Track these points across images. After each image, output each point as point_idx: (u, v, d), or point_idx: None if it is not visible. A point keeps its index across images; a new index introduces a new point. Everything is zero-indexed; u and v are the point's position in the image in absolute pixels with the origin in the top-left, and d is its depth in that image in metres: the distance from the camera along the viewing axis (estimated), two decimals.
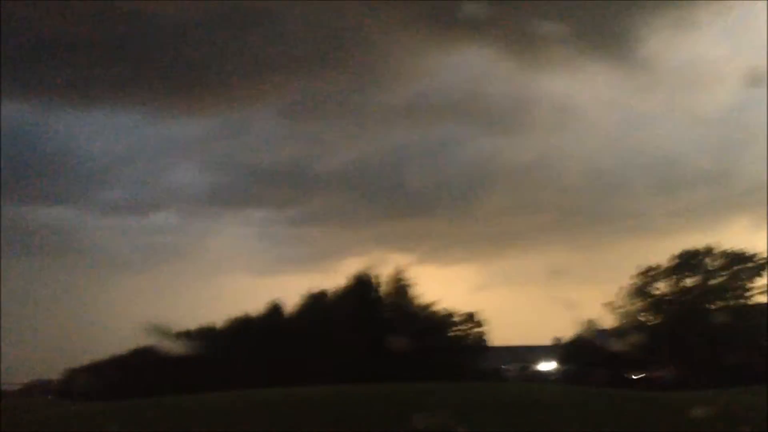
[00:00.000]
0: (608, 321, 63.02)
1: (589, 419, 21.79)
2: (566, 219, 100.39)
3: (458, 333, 56.08)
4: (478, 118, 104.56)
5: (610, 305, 61.33)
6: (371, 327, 47.38)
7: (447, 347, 51.44)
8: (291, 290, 60.08)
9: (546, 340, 69.58)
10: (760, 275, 58.20)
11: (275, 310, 55.77)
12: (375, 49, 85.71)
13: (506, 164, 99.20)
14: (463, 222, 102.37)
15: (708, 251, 59.95)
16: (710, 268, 59.86)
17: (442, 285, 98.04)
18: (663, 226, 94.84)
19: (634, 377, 55.97)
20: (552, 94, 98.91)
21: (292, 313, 55.38)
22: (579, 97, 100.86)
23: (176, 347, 46.03)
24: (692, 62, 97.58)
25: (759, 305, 57.88)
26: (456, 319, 56.23)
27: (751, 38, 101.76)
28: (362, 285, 52.85)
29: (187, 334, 60.81)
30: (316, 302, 54.61)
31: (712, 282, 59.51)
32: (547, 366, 57.49)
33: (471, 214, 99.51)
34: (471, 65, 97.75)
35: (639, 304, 60.99)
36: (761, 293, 58.07)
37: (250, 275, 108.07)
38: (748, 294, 58.51)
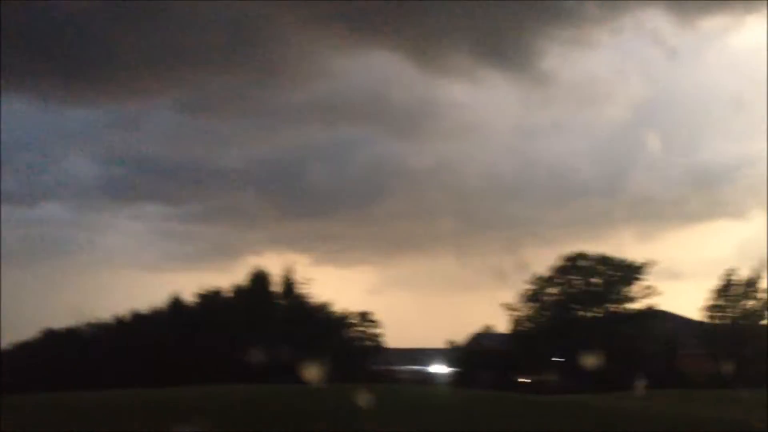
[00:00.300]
0: (501, 326, 64.68)
1: (458, 419, 22.14)
2: (463, 225, 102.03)
3: (353, 334, 56.18)
4: (381, 122, 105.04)
5: (504, 311, 62.95)
6: (265, 326, 46.76)
7: (341, 348, 51.35)
8: (185, 288, 58.40)
9: (440, 344, 70.58)
10: (641, 282, 61.04)
11: (170, 306, 54.16)
12: (279, 46, 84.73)
13: (407, 169, 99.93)
14: (362, 224, 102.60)
15: (593, 257, 62.29)
16: (595, 275, 62.27)
17: (339, 287, 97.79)
18: (555, 235, 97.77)
19: (521, 381, 57.42)
20: (454, 102, 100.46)
21: (185, 311, 53.98)
22: (480, 106, 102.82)
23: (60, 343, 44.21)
24: (587, 79, 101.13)
25: (643, 312, 60.60)
26: (351, 320, 56.35)
27: (642, 59, 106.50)
28: (258, 284, 52.18)
29: (74, 330, 58.49)
30: (210, 300, 53.50)
31: (597, 289, 61.94)
32: (439, 369, 58.33)
33: (370, 217, 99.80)
34: (375, 69, 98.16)
35: (529, 309, 62.80)
36: (644, 300, 60.94)
37: (144, 271, 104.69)
38: (632, 301, 61.21)
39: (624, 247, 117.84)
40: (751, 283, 63.12)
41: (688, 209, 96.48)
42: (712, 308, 64.04)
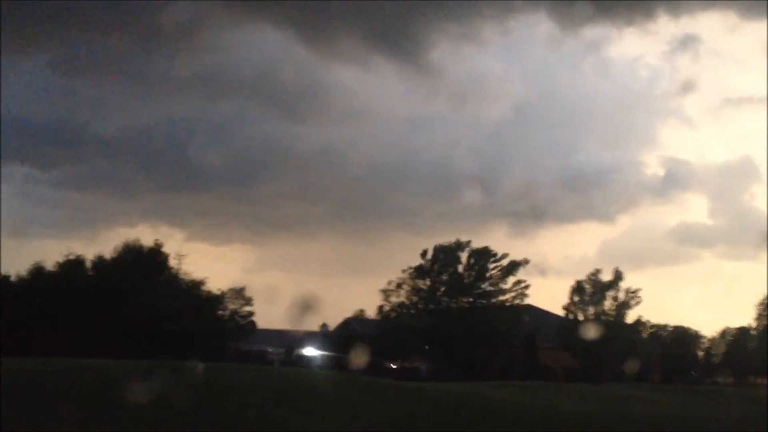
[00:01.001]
0: (374, 312, 65.38)
1: (325, 403, 22.24)
2: (344, 210, 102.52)
3: (225, 313, 55.30)
4: (267, 100, 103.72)
5: (377, 297, 63.66)
6: (134, 301, 45.25)
7: (212, 327, 50.47)
8: (49, 256, 55.40)
9: (313, 327, 70.65)
10: (511, 276, 63.12)
11: (31, 274, 51.22)
12: (165, 14, 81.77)
13: (291, 150, 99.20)
14: (240, 203, 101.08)
15: (463, 248, 63.82)
16: (465, 267, 63.88)
17: (213, 264, 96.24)
18: (433, 226, 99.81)
19: (390, 367, 58.21)
20: (343, 86, 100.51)
21: (46, 279, 51.29)
22: (369, 93, 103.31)
23: None
24: (474, 75, 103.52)
25: (510, 305, 62.65)
26: (225, 298, 55.41)
27: (527, 60, 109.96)
28: (128, 257, 50.36)
29: None
30: (74, 270, 51.10)
31: (468, 281, 63.57)
32: (310, 352, 58.33)
33: (250, 195, 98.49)
34: (264, 46, 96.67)
35: (403, 298, 63.77)
36: (513, 294, 63.01)
37: (5, 236, 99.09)
38: (503, 294, 63.16)
39: (498, 242, 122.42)
40: (610, 284, 66.53)
41: (560, 209, 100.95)
42: (572, 305, 67.16)
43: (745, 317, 76.07)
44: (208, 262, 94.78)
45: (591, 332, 63.95)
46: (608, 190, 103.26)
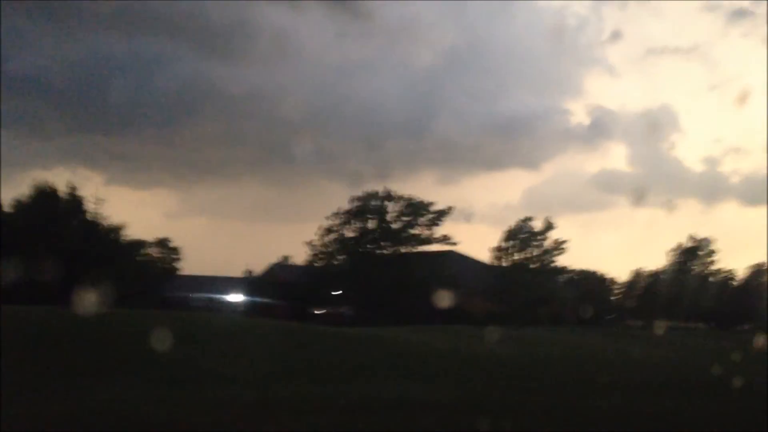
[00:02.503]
0: (299, 258, 65.55)
1: (248, 348, 22.48)
2: (269, 155, 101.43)
3: (147, 259, 54.62)
4: (192, 39, 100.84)
5: (302, 243, 63.72)
6: (51, 246, 44.17)
7: (133, 273, 49.75)
8: None
9: (238, 272, 70.47)
10: (437, 224, 63.91)
11: None
12: None
13: (217, 91, 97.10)
14: (162, 145, 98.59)
15: (390, 197, 64.18)
16: (392, 214, 64.40)
17: (133, 209, 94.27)
18: (361, 173, 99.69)
19: (316, 312, 58.68)
20: (272, 27, 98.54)
21: None
22: (299, 35, 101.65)
23: None
24: (404, 20, 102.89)
25: (435, 252, 63.56)
26: (147, 244, 54.70)
27: (456, 7, 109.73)
28: (43, 200, 48.89)
29: None
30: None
31: (393, 227, 64.12)
32: (235, 297, 58.19)
33: (172, 138, 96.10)
34: None
35: (328, 244, 63.98)
36: (439, 242, 63.91)
37: None
38: (428, 242, 63.96)
39: (426, 188, 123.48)
40: (537, 231, 68.20)
41: (486, 156, 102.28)
42: (498, 251, 68.68)
43: (659, 262, 79.50)
44: (128, 206, 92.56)
45: (513, 278, 65.74)
46: (534, 138, 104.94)
